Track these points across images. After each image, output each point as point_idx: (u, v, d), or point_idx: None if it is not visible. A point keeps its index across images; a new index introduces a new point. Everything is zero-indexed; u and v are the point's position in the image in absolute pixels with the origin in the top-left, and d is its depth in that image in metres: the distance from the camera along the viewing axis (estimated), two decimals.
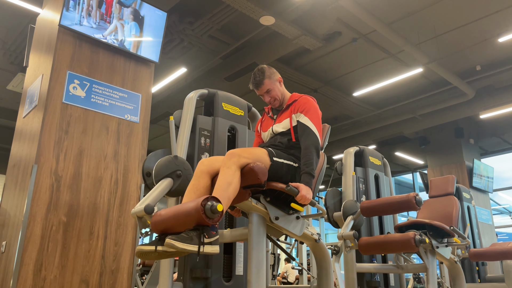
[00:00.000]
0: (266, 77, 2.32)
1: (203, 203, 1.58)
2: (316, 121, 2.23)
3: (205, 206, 1.58)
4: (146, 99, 3.39)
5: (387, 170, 3.98)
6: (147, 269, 5.92)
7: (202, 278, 2.28)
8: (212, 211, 1.58)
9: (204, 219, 1.57)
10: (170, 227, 1.68)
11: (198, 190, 1.95)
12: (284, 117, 2.32)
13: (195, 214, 1.58)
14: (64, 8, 3.00)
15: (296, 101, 2.32)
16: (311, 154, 2.10)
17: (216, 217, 1.60)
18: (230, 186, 1.83)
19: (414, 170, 12.19)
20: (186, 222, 1.63)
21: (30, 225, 2.62)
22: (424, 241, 2.83)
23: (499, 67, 7.33)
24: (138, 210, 1.81)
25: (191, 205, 1.61)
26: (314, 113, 2.25)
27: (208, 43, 6.67)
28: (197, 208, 1.58)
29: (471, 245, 4.51)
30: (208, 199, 1.60)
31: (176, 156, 2.15)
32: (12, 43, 6.65)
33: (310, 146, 2.13)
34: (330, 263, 2.42)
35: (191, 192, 1.94)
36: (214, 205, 1.59)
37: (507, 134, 9.88)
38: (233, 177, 1.85)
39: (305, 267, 6.03)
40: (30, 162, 2.82)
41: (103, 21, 3.22)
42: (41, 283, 2.59)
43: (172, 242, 1.57)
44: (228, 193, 1.81)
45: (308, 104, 2.27)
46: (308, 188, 2.03)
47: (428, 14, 6.04)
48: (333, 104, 8.80)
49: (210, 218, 1.59)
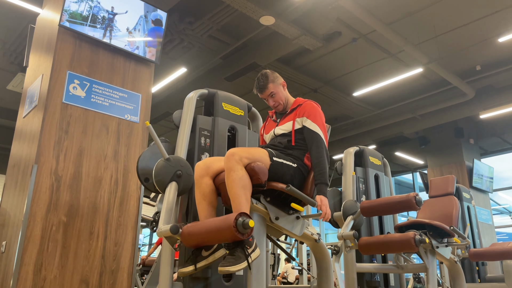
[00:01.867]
0: (270, 81, 2.37)
1: (234, 223, 1.65)
2: (322, 127, 2.28)
3: (237, 223, 1.65)
4: (146, 99, 3.39)
5: (387, 170, 3.98)
6: (147, 269, 5.92)
7: (202, 278, 2.27)
8: (244, 227, 1.65)
9: (239, 236, 1.65)
10: (202, 242, 1.78)
11: (207, 196, 2.01)
12: (287, 120, 2.35)
13: (229, 233, 1.66)
14: (64, 8, 3.00)
15: (300, 106, 2.35)
16: (325, 163, 2.17)
17: (248, 231, 1.67)
18: (245, 189, 1.87)
19: (414, 170, 12.19)
20: (218, 238, 1.72)
21: (30, 225, 2.62)
22: (424, 241, 2.83)
23: (499, 67, 7.33)
24: (165, 231, 1.87)
25: (223, 225, 1.69)
26: (320, 119, 2.30)
27: (208, 43, 6.67)
28: (230, 228, 1.65)
29: (471, 245, 4.51)
30: (237, 217, 1.67)
31: (168, 158, 2.14)
32: (12, 43, 6.65)
33: (323, 155, 2.18)
34: (330, 263, 2.42)
35: (201, 201, 2.02)
36: (246, 221, 1.66)
37: (507, 134, 9.88)
38: (244, 179, 1.88)
39: (305, 267, 6.02)
40: (30, 162, 2.82)
41: (103, 21, 3.22)
42: (41, 283, 2.59)
43: (226, 269, 1.67)
44: (246, 196, 1.87)
45: (314, 110, 2.31)
46: (326, 199, 2.13)
47: (428, 14, 6.04)
48: (333, 104, 8.80)
49: (243, 234, 1.66)
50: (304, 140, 2.27)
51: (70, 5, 3.05)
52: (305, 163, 2.23)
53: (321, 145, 2.20)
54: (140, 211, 3.15)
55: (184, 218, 2.31)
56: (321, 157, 2.17)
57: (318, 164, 2.16)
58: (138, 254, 3.40)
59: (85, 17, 3.13)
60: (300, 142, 2.27)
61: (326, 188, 2.14)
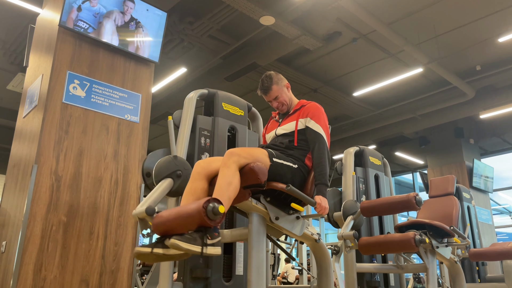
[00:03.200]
0: (274, 83, 2.39)
1: (205, 205, 1.57)
2: (325, 128, 2.29)
3: (207, 208, 1.57)
4: (146, 99, 3.39)
5: (387, 170, 3.98)
6: (147, 269, 5.92)
7: (202, 278, 2.27)
8: (214, 213, 1.57)
9: (206, 221, 1.56)
10: (171, 229, 1.66)
11: (196, 192, 1.94)
12: (290, 120, 2.37)
13: (197, 216, 1.57)
14: (64, 8, 3.00)
15: (304, 106, 2.37)
16: (326, 164, 2.18)
17: (218, 219, 1.59)
18: (230, 186, 1.82)
19: (414, 170, 12.19)
20: (187, 224, 1.62)
21: (30, 225, 2.62)
22: (424, 241, 2.83)
23: (499, 67, 7.33)
24: (139, 212, 1.80)
25: (193, 207, 1.60)
26: (324, 121, 2.31)
27: (208, 43, 6.67)
28: (199, 210, 1.56)
29: (471, 245, 4.51)
30: (210, 200, 1.59)
31: (175, 156, 2.15)
32: (12, 43, 6.66)
33: (324, 156, 2.19)
34: (330, 263, 2.42)
35: (188, 195, 1.94)
36: (216, 206, 1.58)
37: (507, 134, 9.88)
38: (233, 177, 1.85)
39: (305, 267, 6.02)
40: (30, 162, 2.82)
41: (103, 21, 3.22)
42: (41, 283, 2.59)
43: (176, 242, 1.56)
44: (229, 193, 1.81)
45: (318, 111, 2.33)
46: (325, 199, 2.11)
47: (428, 14, 6.04)
48: (333, 104, 8.80)
49: (212, 220, 1.58)
50: (306, 141, 2.28)
51: (71, 5, 3.04)
52: (305, 164, 2.24)
53: (323, 146, 2.21)
54: None
55: None
56: (323, 158, 2.18)
57: (319, 165, 2.17)
58: None
59: (86, 17, 3.12)
60: (302, 142, 2.27)
61: (326, 189, 2.14)
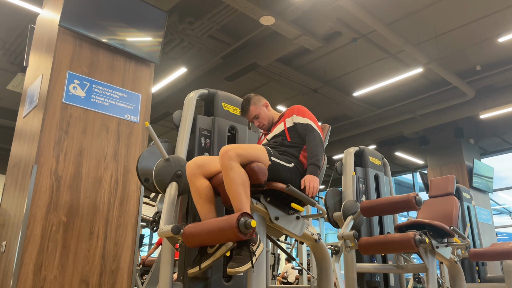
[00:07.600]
0: (251, 104, 2.47)
1: (237, 223, 1.65)
2: (313, 120, 2.32)
3: (239, 223, 1.65)
4: (146, 99, 3.39)
5: (387, 170, 3.98)
6: (147, 269, 5.92)
7: (202, 278, 2.27)
8: (246, 227, 1.65)
9: (240, 236, 1.65)
10: (204, 243, 1.78)
11: (203, 194, 1.99)
12: (277, 125, 2.43)
13: (230, 232, 1.66)
14: (64, 8, 3.00)
15: (287, 110, 2.45)
16: (317, 147, 2.18)
17: (250, 232, 1.67)
18: (244, 186, 1.86)
19: (414, 170, 12.19)
20: (220, 238, 1.72)
21: (30, 225, 2.62)
22: (424, 241, 2.83)
23: (499, 67, 7.33)
24: (166, 232, 1.87)
25: (225, 224, 1.69)
26: (309, 115, 2.36)
27: (208, 43, 6.67)
28: (232, 227, 1.65)
29: (471, 245, 4.51)
30: (242, 215, 1.67)
31: (167, 158, 2.14)
32: (12, 43, 6.66)
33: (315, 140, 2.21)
34: (330, 263, 2.42)
35: (198, 199, 2.00)
36: (247, 221, 1.66)
37: (507, 134, 9.88)
38: (242, 176, 1.87)
39: (305, 267, 6.02)
40: (30, 162, 2.82)
41: (103, 21, 3.22)
42: (41, 283, 2.59)
43: (234, 270, 1.69)
44: (246, 193, 1.86)
45: (302, 109, 2.40)
46: (314, 177, 2.10)
47: (428, 14, 6.04)
48: (333, 104, 8.80)
49: (245, 234, 1.66)
50: (298, 137, 2.28)
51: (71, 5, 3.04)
52: (300, 161, 2.22)
53: (314, 132, 2.24)
54: (140, 211, 3.15)
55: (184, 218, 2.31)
56: (313, 141, 2.20)
57: (310, 149, 2.19)
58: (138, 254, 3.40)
59: (86, 17, 3.12)
60: (295, 139, 2.28)
61: (317, 170, 2.13)
